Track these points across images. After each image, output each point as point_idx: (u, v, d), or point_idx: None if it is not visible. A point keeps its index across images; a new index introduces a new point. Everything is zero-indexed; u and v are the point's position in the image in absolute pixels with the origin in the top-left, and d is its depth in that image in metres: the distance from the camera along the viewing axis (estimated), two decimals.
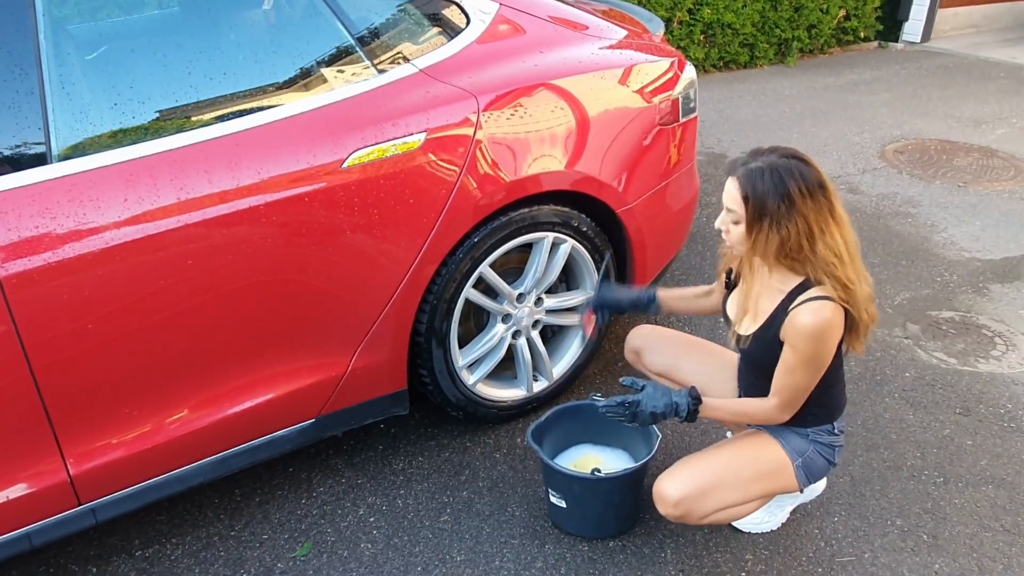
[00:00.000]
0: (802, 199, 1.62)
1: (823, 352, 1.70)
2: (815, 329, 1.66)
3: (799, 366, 1.72)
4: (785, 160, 1.64)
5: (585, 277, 2.45)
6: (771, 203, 1.63)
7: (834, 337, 1.70)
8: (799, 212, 1.63)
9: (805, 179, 1.63)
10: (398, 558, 2.02)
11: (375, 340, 2.06)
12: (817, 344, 1.68)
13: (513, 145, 2.09)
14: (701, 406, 1.80)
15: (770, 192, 1.62)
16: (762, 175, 1.63)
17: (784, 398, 1.78)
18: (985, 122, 5.45)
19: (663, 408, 1.78)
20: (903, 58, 7.25)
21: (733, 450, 1.88)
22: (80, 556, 2.05)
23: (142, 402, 1.79)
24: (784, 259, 1.71)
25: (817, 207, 1.64)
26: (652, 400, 1.78)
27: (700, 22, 6.32)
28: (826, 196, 1.65)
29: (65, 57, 1.68)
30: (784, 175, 1.62)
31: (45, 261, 1.56)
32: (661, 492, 1.81)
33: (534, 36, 2.31)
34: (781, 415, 1.81)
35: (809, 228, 1.64)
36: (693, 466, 1.84)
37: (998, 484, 2.25)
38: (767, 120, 5.43)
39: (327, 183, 1.84)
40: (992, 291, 3.28)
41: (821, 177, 1.66)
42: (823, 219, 1.65)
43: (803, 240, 1.65)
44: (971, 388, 2.67)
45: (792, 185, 1.62)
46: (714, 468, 1.84)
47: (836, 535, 2.08)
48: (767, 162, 1.64)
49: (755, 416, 1.84)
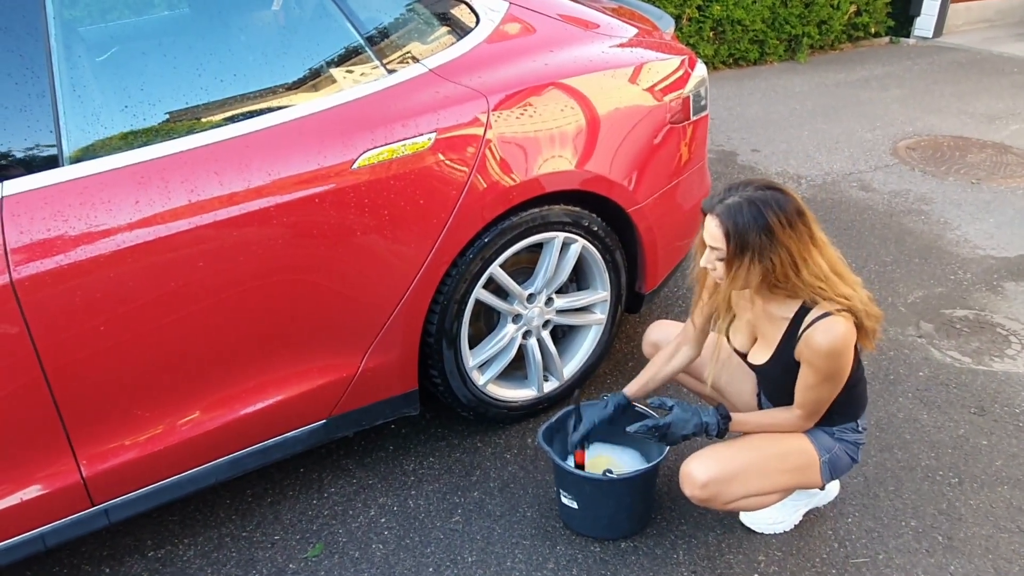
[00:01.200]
0: (782, 230, 1.63)
1: (842, 365, 1.72)
2: (832, 347, 1.68)
3: (820, 383, 1.75)
4: (762, 192, 1.65)
5: (596, 277, 2.44)
6: (752, 237, 1.63)
7: (850, 349, 1.72)
8: (780, 243, 1.64)
9: (783, 209, 1.63)
10: (410, 559, 2.02)
11: (386, 341, 2.06)
12: (836, 360, 1.70)
13: (523, 145, 2.08)
14: (730, 423, 1.85)
15: (751, 226, 1.63)
16: (741, 209, 1.64)
17: (808, 410, 1.82)
18: (999, 118, 5.40)
19: (693, 429, 1.84)
20: (915, 54, 7.20)
21: (764, 441, 1.89)
22: (93, 556, 2.05)
23: (154, 404, 1.79)
24: (773, 289, 1.72)
25: (798, 235, 1.65)
26: (681, 422, 1.84)
27: (710, 19, 6.28)
28: (805, 223, 1.66)
29: (76, 59, 1.68)
30: (763, 207, 1.63)
31: (57, 264, 1.57)
32: (690, 472, 1.83)
33: (544, 35, 2.30)
34: (806, 423, 1.86)
35: (792, 258, 1.65)
36: (723, 451, 1.86)
37: (1014, 484, 2.23)
38: (777, 117, 5.40)
39: (337, 184, 1.84)
40: (1007, 289, 3.25)
41: (799, 205, 1.66)
42: (804, 247, 1.66)
43: (788, 270, 1.67)
44: (986, 387, 2.64)
45: (772, 217, 1.62)
46: (744, 455, 1.86)
47: (850, 536, 2.07)
48: (744, 196, 1.65)
49: (782, 426, 1.87)
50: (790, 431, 1.88)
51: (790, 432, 1.88)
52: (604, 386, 2.65)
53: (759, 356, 1.87)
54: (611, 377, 2.70)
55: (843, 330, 1.67)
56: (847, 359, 1.72)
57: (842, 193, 4.19)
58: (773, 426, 1.88)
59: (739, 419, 1.88)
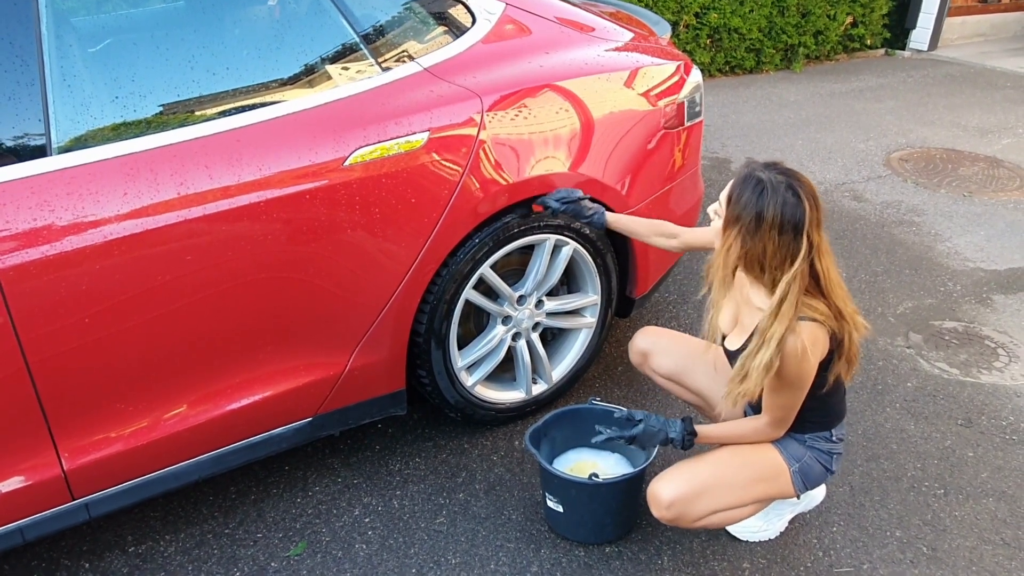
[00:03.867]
0: (768, 228, 1.62)
1: (804, 371, 1.69)
2: (793, 348, 1.65)
3: (783, 387, 1.72)
4: (783, 187, 1.62)
5: (587, 280, 2.43)
6: (744, 214, 1.64)
7: (814, 356, 1.68)
8: (761, 237, 1.63)
9: (784, 213, 1.61)
10: (393, 559, 2.01)
11: (374, 340, 2.05)
12: (797, 364, 1.67)
13: (517, 146, 2.08)
14: (696, 438, 1.85)
15: (750, 204, 1.63)
16: (754, 186, 1.64)
17: (774, 416, 1.80)
18: (991, 131, 5.43)
19: (658, 443, 1.87)
20: (910, 66, 7.24)
21: (729, 454, 1.87)
22: (73, 551, 2.03)
23: (138, 398, 1.78)
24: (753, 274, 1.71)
25: (781, 244, 1.62)
26: (647, 437, 1.86)
27: (707, 26, 6.30)
28: (797, 240, 1.62)
29: (67, 49, 1.66)
30: (770, 197, 1.61)
31: (43, 254, 1.55)
32: (655, 494, 1.82)
33: (540, 37, 2.29)
34: (775, 432, 1.84)
35: (763, 256, 1.65)
36: (688, 469, 1.84)
37: (999, 497, 2.23)
38: (772, 126, 5.42)
39: (329, 181, 1.83)
40: (996, 302, 3.26)
41: (802, 222, 1.61)
42: (779, 256, 1.64)
43: (756, 263, 1.67)
44: (973, 399, 2.65)
45: (769, 210, 1.61)
46: (709, 471, 1.84)
47: (835, 545, 2.07)
48: (769, 177, 1.63)
49: (750, 436, 1.86)
50: (759, 440, 1.86)
51: (759, 442, 1.86)
52: (593, 390, 2.64)
53: (734, 342, 1.84)
54: (600, 381, 2.70)
55: (809, 334, 1.65)
56: (809, 366, 1.68)
57: (834, 203, 4.21)
58: (741, 436, 1.86)
59: (705, 432, 1.86)
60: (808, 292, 1.68)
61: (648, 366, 2.18)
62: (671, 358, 2.13)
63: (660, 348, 2.15)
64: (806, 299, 1.67)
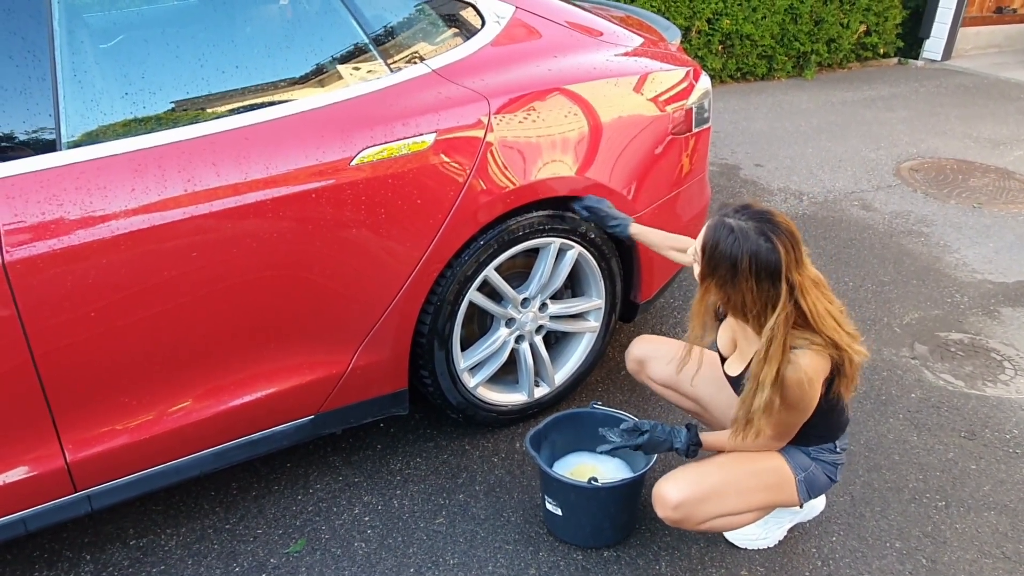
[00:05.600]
0: (746, 279, 1.62)
1: (807, 397, 1.70)
2: (796, 381, 1.66)
3: (786, 409, 1.73)
4: (756, 234, 1.60)
5: (591, 284, 2.43)
6: (721, 265, 1.64)
7: (816, 382, 1.69)
8: (738, 286, 1.64)
9: (759, 262, 1.60)
10: (391, 558, 2.01)
11: (377, 339, 2.06)
12: (799, 391, 1.68)
13: (524, 149, 2.08)
14: (700, 448, 1.88)
15: (725, 255, 1.63)
16: (727, 234, 1.63)
17: (777, 431, 1.80)
18: (1003, 143, 5.40)
19: (664, 451, 1.90)
20: (922, 76, 7.21)
21: (737, 459, 1.88)
22: (74, 543, 2.05)
23: (142, 392, 1.79)
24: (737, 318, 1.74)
25: (760, 291, 1.62)
26: (653, 446, 1.90)
27: (719, 32, 6.29)
28: (775, 286, 1.61)
29: (79, 45, 1.68)
30: (742, 246, 1.60)
31: (50, 248, 1.56)
32: (661, 494, 1.82)
33: (549, 40, 2.30)
34: (777, 444, 1.86)
35: (744, 303, 1.66)
36: (696, 471, 1.85)
37: (1001, 511, 2.22)
38: (782, 133, 5.40)
39: (335, 180, 1.84)
40: (1003, 314, 3.25)
41: (778, 268, 1.60)
42: (759, 304, 1.64)
43: (738, 311, 1.69)
44: (977, 412, 2.64)
45: (744, 260, 1.60)
46: (717, 475, 1.84)
47: (834, 555, 2.06)
48: (740, 225, 1.62)
49: (752, 447, 1.85)
50: (761, 451, 1.86)
51: (761, 451, 1.87)
52: (595, 394, 2.64)
53: (734, 367, 1.86)
54: (602, 385, 2.70)
55: (807, 363, 1.65)
56: (813, 391, 1.69)
57: (843, 211, 4.19)
58: (744, 446, 1.85)
59: (709, 441, 1.88)
60: (799, 325, 1.67)
61: (644, 374, 2.18)
62: (668, 366, 2.12)
63: (656, 356, 2.15)
64: (798, 332, 1.67)
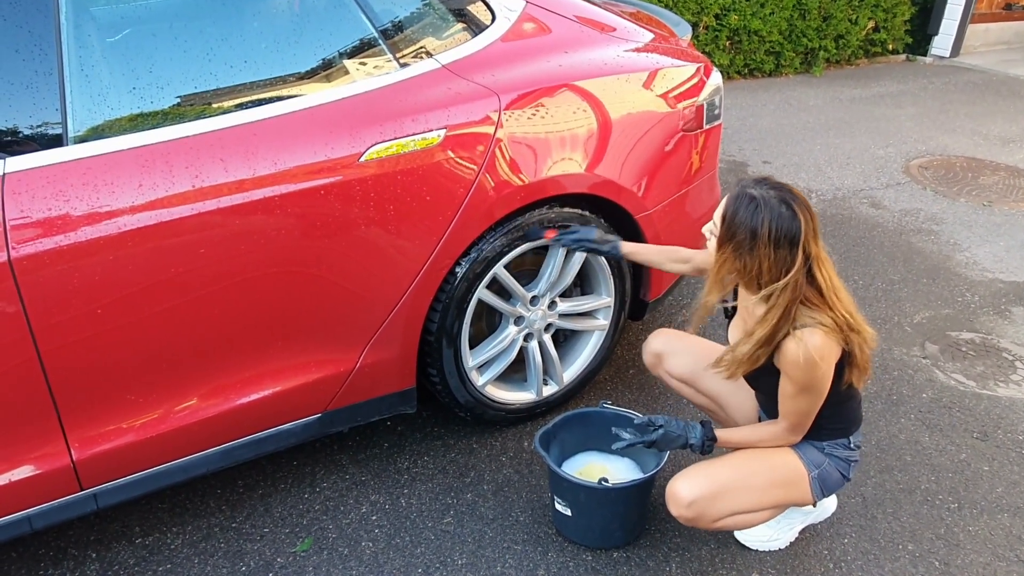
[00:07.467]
0: (764, 245, 1.62)
1: (818, 378, 1.69)
2: (805, 358, 1.65)
3: (797, 393, 1.73)
4: (777, 202, 1.62)
5: (600, 282, 2.41)
6: (740, 232, 1.64)
7: (827, 363, 1.68)
8: (756, 253, 1.63)
9: (780, 228, 1.61)
10: (399, 558, 2.00)
11: (385, 337, 2.04)
12: (809, 371, 1.67)
13: (533, 145, 2.06)
14: (716, 443, 1.86)
15: (744, 221, 1.63)
16: (747, 203, 1.64)
17: (791, 422, 1.80)
18: (1013, 141, 5.36)
19: (677, 447, 1.86)
20: (931, 72, 7.16)
21: (750, 456, 1.86)
22: (80, 541, 2.04)
23: (148, 389, 1.77)
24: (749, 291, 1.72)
25: (777, 258, 1.62)
26: (667, 442, 1.86)
27: (726, 28, 6.26)
28: (793, 254, 1.62)
29: (86, 39, 1.66)
30: (764, 213, 1.61)
31: (57, 244, 1.55)
32: (675, 492, 1.81)
33: (559, 36, 2.27)
34: (792, 437, 1.84)
35: (759, 271, 1.65)
36: (709, 469, 1.84)
37: (1014, 513, 2.20)
38: (790, 130, 5.37)
39: (344, 176, 1.82)
40: (1014, 314, 3.22)
41: (798, 235, 1.61)
42: (774, 271, 1.64)
43: (754, 279, 1.68)
44: (989, 412, 2.61)
45: (764, 226, 1.61)
46: (730, 472, 1.83)
47: (846, 557, 2.04)
48: (761, 194, 1.64)
49: (768, 441, 1.85)
50: (777, 445, 1.85)
51: (777, 447, 1.86)
52: (604, 392, 2.62)
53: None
54: (611, 384, 2.68)
55: (818, 342, 1.64)
56: (823, 372, 1.68)
57: (852, 209, 4.16)
58: (759, 441, 1.86)
59: (724, 437, 1.87)
60: (813, 304, 1.67)
61: (662, 368, 2.16)
62: (686, 360, 2.11)
63: (675, 350, 2.13)
64: (810, 312, 1.67)
